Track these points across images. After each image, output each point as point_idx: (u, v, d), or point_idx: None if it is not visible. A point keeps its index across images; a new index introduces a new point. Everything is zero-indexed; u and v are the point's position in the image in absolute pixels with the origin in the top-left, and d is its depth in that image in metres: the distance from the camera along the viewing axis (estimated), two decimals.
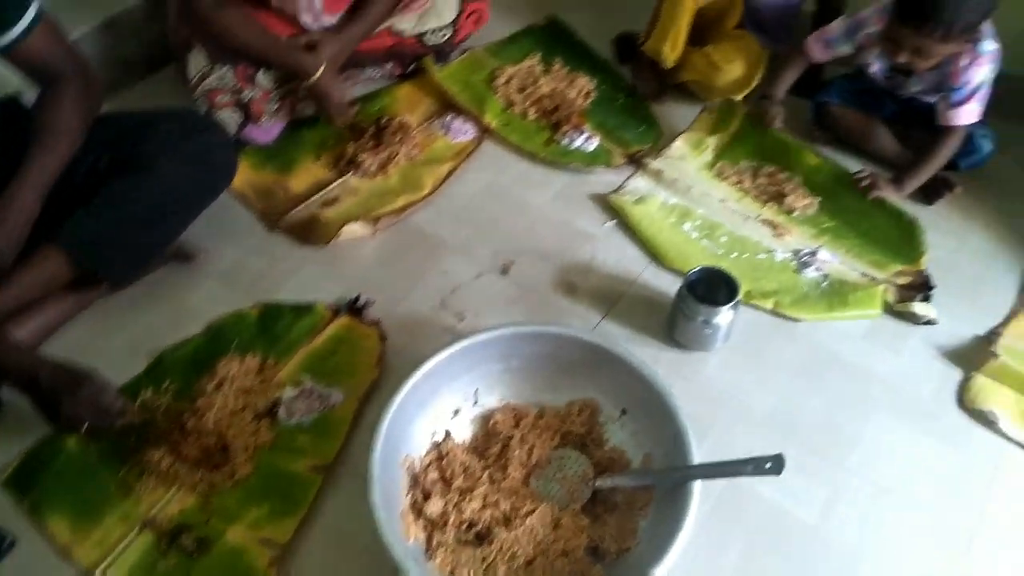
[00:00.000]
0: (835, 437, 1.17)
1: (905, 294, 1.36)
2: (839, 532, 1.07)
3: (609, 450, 1.11)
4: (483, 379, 1.14)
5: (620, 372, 1.09)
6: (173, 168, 1.19)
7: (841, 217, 1.49)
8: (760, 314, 1.33)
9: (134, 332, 1.27)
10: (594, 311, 1.33)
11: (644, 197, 1.51)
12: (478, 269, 1.38)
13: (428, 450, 1.08)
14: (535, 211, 1.50)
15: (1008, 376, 1.24)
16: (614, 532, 1.01)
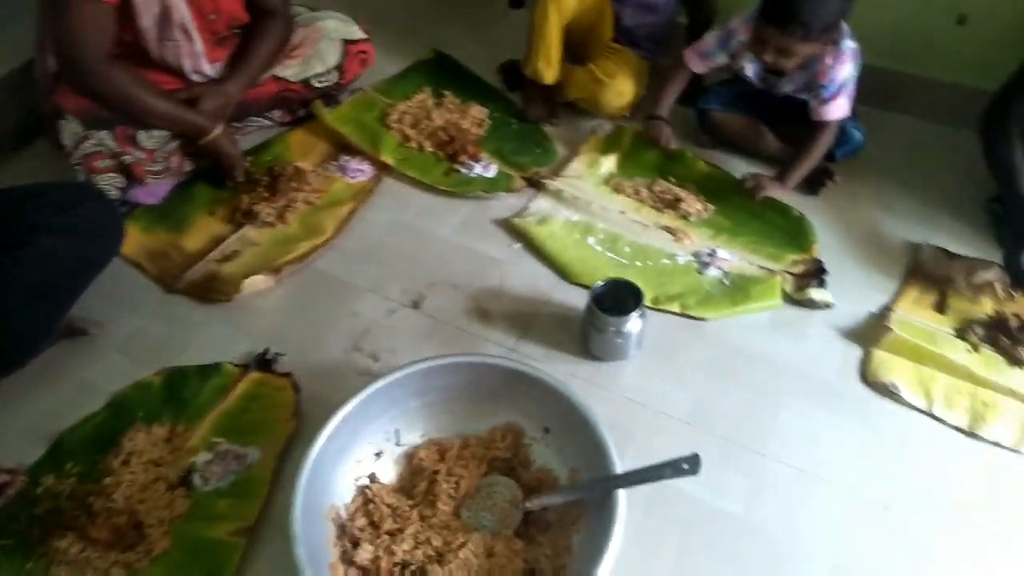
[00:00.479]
0: (752, 427, 1.21)
1: (801, 282, 1.42)
2: (764, 518, 1.10)
3: (536, 471, 1.11)
4: (402, 417, 1.12)
5: (538, 392, 1.10)
6: (53, 242, 1.14)
7: (735, 217, 1.55)
8: (670, 318, 1.37)
9: (30, 415, 1.20)
10: (509, 334, 1.33)
11: (546, 217, 1.54)
12: (389, 307, 1.37)
13: (353, 497, 1.06)
14: (441, 242, 1.50)
15: (903, 348, 1.31)
16: (549, 552, 1.01)
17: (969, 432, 1.21)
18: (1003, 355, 1.31)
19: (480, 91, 1.82)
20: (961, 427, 1.21)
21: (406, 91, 1.80)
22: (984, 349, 1.32)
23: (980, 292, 1.42)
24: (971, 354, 1.32)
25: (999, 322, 1.35)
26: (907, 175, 1.67)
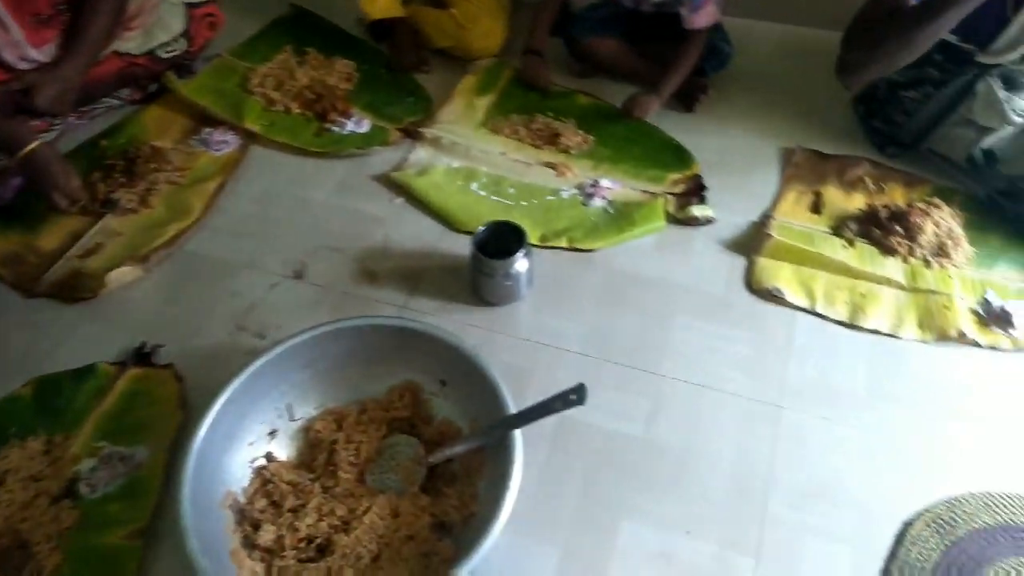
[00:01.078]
0: (646, 349, 1.23)
1: (683, 201, 1.44)
2: (665, 435, 1.13)
3: (438, 424, 1.10)
4: (293, 391, 1.09)
5: (429, 346, 1.08)
6: None
7: (614, 145, 1.55)
8: (559, 253, 1.36)
9: None
10: (399, 292, 1.31)
11: (427, 167, 1.50)
12: (270, 281, 1.32)
13: (251, 479, 1.03)
14: (319, 206, 1.45)
15: (784, 252, 1.35)
16: (456, 502, 1.01)
17: (850, 324, 1.26)
18: (876, 246, 1.37)
19: (345, 44, 1.75)
20: (843, 320, 1.27)
21: (266, 52, 1.71)
22: (859, 243, 1.38)
23: (852, 188, 1.47)
24: (847, 249, 1.37)
25: (870, 215, 1.41)
26: (777, 82, 1.70)
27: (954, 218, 1.38)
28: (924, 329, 1.25)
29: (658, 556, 1.01)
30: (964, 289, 1.30)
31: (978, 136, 1.39)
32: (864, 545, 1.02)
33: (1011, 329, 1.24)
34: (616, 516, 1.05)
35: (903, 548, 1.03)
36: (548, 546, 1.02)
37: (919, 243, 1.34)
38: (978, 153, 1.39)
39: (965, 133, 1.41)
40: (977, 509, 1.06)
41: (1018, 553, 1.02)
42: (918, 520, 1.05)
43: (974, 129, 1.40)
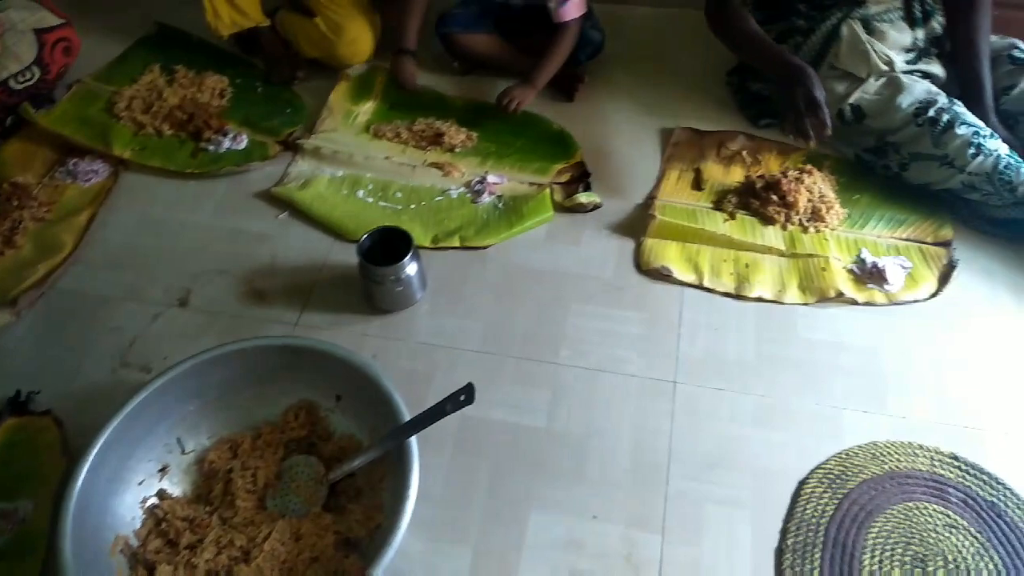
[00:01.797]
0: (544, 340, 1.24)
1: (569, 189, 1.46)
2: (566, 423, 1.14)
3: (338, 440, 1.08)
4: (181, 424, 1.05)
5: (320, 362, 1.07)
6: None
7: (499, 140, 1.56)
8: (452, 253, 1.36)
9: None
10: (291, 309, 1.28)
11: (309, 179, 1.47)
12: (153, 311, 1.27)
13: (143, 520, 0.99)
14: (200, 230, 1.40)
15: (669, 231, 1.38)
16: (360, 516, 0.99)
17: (737, 295, 1.30)
18: (756, 216, 1.42)
19: (216, 60, 1.69)
20: (729, 292, 1.31)
21: (131, 74, 1.64)
22: (739, 215, 1.42)
23: (730, 163, 1.52)
24: (729, 222, 1.41)
25: (748, 187, 1.46)
26: (652, 63, 1.74)
27: (826, 182, 1.45)
28: (805, 292, 1.30)
29: (567, 544, 1.02)
30: (839, 250, 1.36)
31: (847, 91, 1.44)
32: (763, 508, 1.06)
33: (885, 284, 1.30)
34: (524, 509, 1.05)
35: (799, 506, 1.07)
36: (460, 547, 1.02)
37: (795, 209, 1.40)
38: (847, 109, 1.44)
39: (834, 88, 1.45)
40: (865, 460, 1.12)
41: (905, 499, 1.08)
42: (811, 478, 1.10)
43: (843, 84, 1.45)
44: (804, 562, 1.02)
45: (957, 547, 1.03)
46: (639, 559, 1.01)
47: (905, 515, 1.06)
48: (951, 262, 1.33)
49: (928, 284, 1.31)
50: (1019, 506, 1.06)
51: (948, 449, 1.12)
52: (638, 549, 1.02)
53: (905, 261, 1.33)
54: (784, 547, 1.03)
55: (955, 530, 1.04)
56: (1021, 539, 1.03)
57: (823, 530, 1.04)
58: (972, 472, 1.10)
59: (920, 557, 1.02)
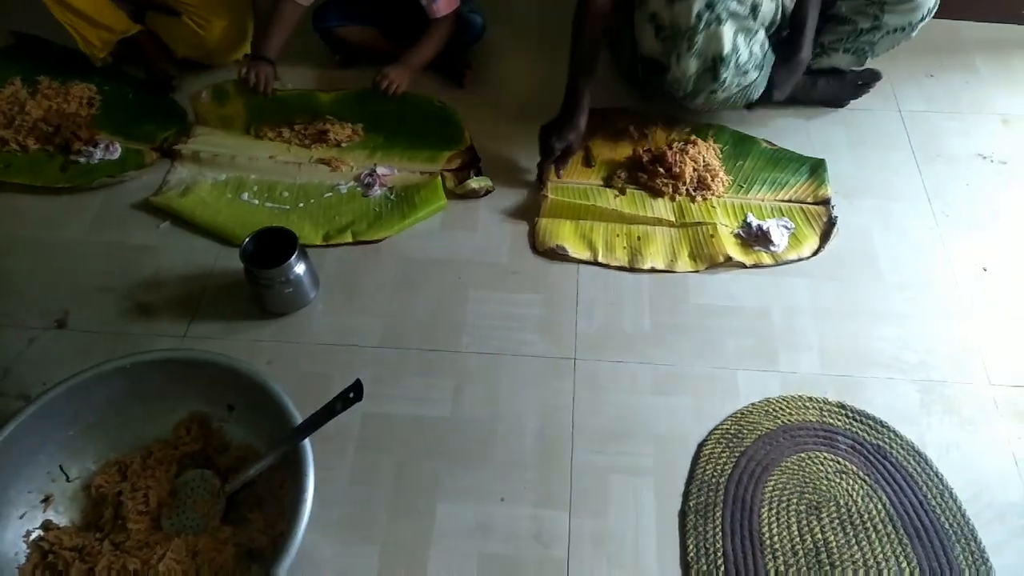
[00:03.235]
0: (444, 329, 1.23)
1: (460, 175, 1.45)
2: (471, 409, 1.14)
3: (235, 450, 1.05)
4: (63, 450, 1.00)
5: (205, 372, 1.03)
6: None
7: (385, 129, 1.53)
8: (345, 250, 1.34)
9: None
10: (179, 321, 1.23)
11: (190, 186, 1.41)
12: (28, 335, 1.20)
13: (28, 554, 0.94)
14: (76, 247, 1.33)
15: (561, 209, 1.39)
16: (261, 525, 0.97)
17: (631, 268, 1.32)
18: (644, 190, 1.45)
19: (83, 67, 1.59)
20: (623, 266, 1.33)
21: None
22: (629, 190, 1.45)
23: (618, 139, 1.54)
24: (619, 198, 1.43)
25: (635, 162, 1.48)
26: (536, 44, 1.74)
27: (710, 151, 1.48)
28: (696, 260, 1.33)
29: (476, 529, 1.02)
30: (726, 216, 1.40)
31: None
32: (665, 473, 1.08)
33: (771, 246, 1.35)
34: (431, 500, 1.05)
35: (699, 468, 1.10)
36: (368, 545, 1.01)
37: (681, 180, 1.43)
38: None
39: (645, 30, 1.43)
40: (759, 417, 1.16)
41: (797, 450, 1.12)
42: (710, 439, 1.13)
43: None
44: (706, 521, 1.05)
45: (848, 491, 1.08)
46: (548, 536, 1.02)
47: (799, 466, 1.10)
48: (831, 219, 1.39)
49: (811, 243, 1.36)
50: (902, 446, 1.12)
51: (835, 399, 1.17)
52: (547, 526, 1.03)
53: (788, 222, 1.38)
54: (687, 509, 1.06)
55: (845, 475, 1.09)
56: (906, 478, 1.09)
57: (723, 489, 1.08)
58: (859, 419, 1.15)
59: (814, 505, 1.06)
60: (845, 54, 1.51)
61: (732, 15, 1.31)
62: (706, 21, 1.30)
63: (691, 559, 1.01)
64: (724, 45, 1.31)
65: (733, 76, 1.35)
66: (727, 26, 1.30)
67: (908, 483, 1.08)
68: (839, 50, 1.50)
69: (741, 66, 1.35)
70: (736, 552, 1.02)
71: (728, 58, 1.32)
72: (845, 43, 1.49)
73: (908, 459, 1.11)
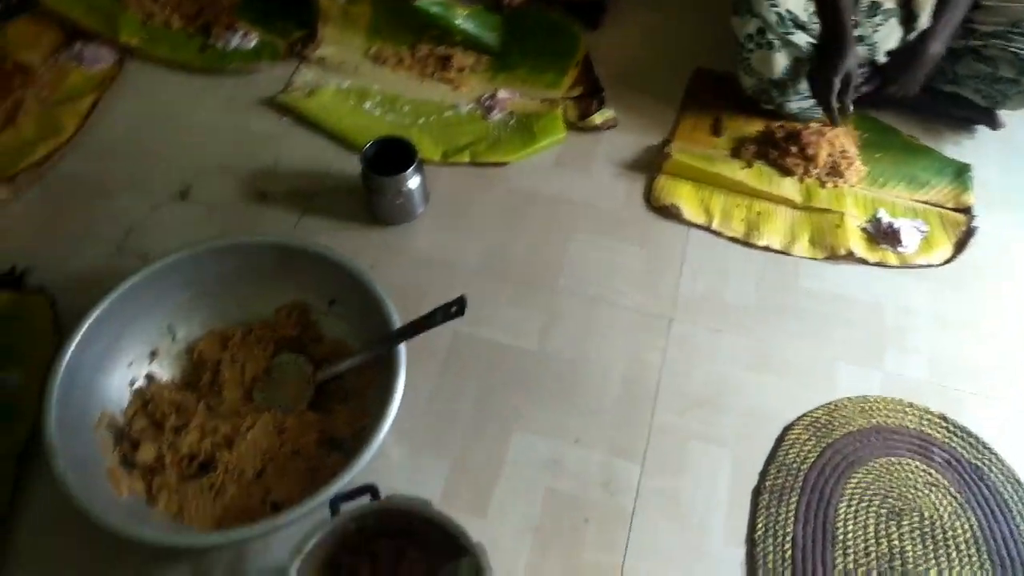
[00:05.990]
0: (543, 266, 1.23)
1: (583, 106, 1.42)
2: (559, 348, 1.14)
3: (329, 343, 1.08)
4: (175, 311, 1.05)
5: (316, 265, 1.05)
6: None
7: (507, 52, 1.50)
8: (457, 171, 1.34)
9: None
10: (291, 213, 1.26)
11: (315, 88, 1.43)
12: (152, 202, 1.26)
13: (130, 400, 0.99)
14: (203, 126, 1.37)
15: (683, 169, 1.35)
16: (346, 418, 1.00)
17: (744, 241, 1.28)
18: (773, 167, 1.38)
19: None
20: (737, 237, 1.28)
21: None
22: (757, 164, 1.39)
23: (751, 110, 1.46)
24: (746, 170, 1.38)
25: (768, 136, 1.42)
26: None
27: (849, 137, 1.41)
28: (815, 247, 1.28)
29: (547, 464, 1.03)
30: (856, 207, 1.33)
31: None
32: (746, 448, 1.06)
33: (899, 246, 1.28)
34: (507, 427, 1.06)
35: (782, 450, 1.07)
36: (440, 458, 1.02)
37: (814, 163, 1.36)
38: None
39: None
40: (853, 413, 1.11)
41: (887, 453, 1.07)
42: (798, 424, 1.09)
43: None
44: (780, 504, 1.02)
45: (935, 504, 1.03)
46: (617, 485, 1.01)
47: (887, 469, 1.06)
48: (970, 229, 1.30)
49: (943, 250, 1.28)
50: (1002, 472, 1.06)
51: (938, 410, 1.11)
52: (617, 475, 1.02)
53: (922, 224, 1.30)
54: (762, 488, 1.03)
55: (935, 488, 1.04)
56: (1000, 504, 1.03)
57: (803, 475, 1.05)
58: (960, 434, 1.09)
59: (896, 510, 1.02)
60: (975, 93, 1.39)
61: (788, 45, 1.28)
62: (756, 43, 1.29)
63: (758, 538, 0.99)
64: (775, 71, 1.30)
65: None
66: (780, 54, 1.29)
67: (1002, 510, 1.03)
68: (970, 86, 1.38)
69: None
70: (806, 540, 0.99)
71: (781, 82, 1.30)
72: (978, 83, 1.36)
73: (1006, 485, 1.05)
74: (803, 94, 1.38)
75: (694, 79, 1.51)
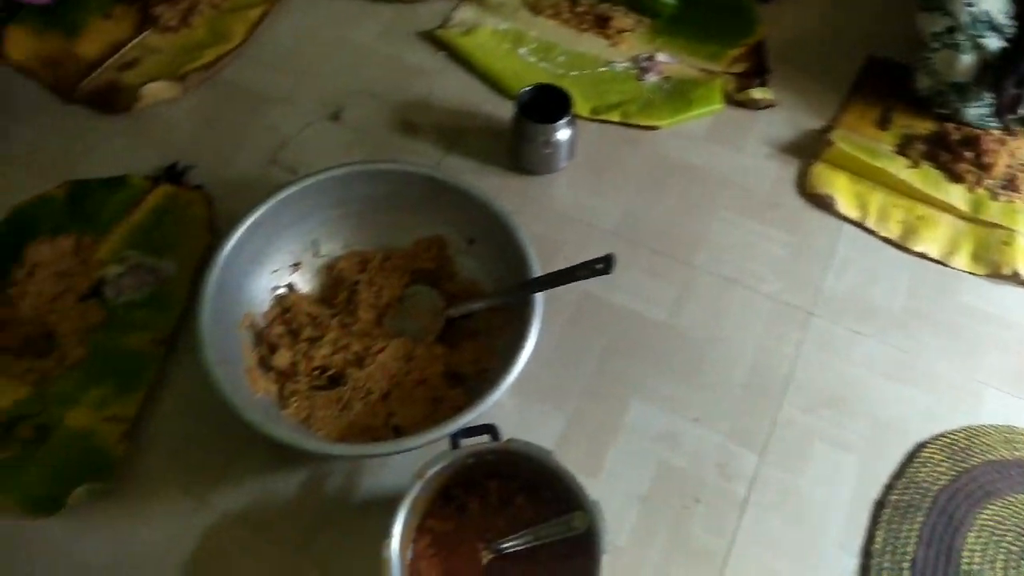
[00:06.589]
0: (681, 238, 1.19)
1: (743, 82, 1.36)
2: (689, 324, 1.11)
3: (462, 281, 1.08)
4: (321, 227, 1.07)
5: (461, 202, 1.05)
6: None
7: (670, 17, 1.45)
8: (604, 129, 1.31)
9: None
10: (436, 148, 1.27)
11: (473, 27, 1.42)
12: (306, 119, 1.28)
13: (271, 305, 1.03)
14: (360, 51, 1.39)
15: (844, 160, 1.27)
16: (471, 356, 1.01)
17: (899, 244, 1.20)
18: (943, 171, 1.28)
19: None
20: (892, 239, 1.21)
21: None
22: (924, 165, 1.30)
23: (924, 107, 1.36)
24: (911, 170, 1.29)
25: (940, 137, 1.31)
26: None
27: None
28: (977, 261, 1.19)
29: (664, 436, 1.01)
30: None
31: None
32: (873, 458, 1.01)
33: None
34: (627, 394, 1.04)
35: (912, 467, 1.01)
36: (557, 412, 1.02)
37: (990, 173, 1.26)
38: None
39: None
40: (997, 442, 1.04)
41: None
42: (933, 443, 1.03)
43: None
44: (903, 521, 0.97)
45: None
46: (733, 471, 0.99)
47: None
48: None
49: None
50: None
51: None
52: (734, 461, 0.99)
53: None
54: (885, 501, 0.98)
55: None
56: None
57: (932, 496, 0.99)
58: None
59: None
60: None
61: (977, 47, 1.17)
62: (943, 43, 1.19)
63: (875, 551, 0.95)
64: (957, 73, 1.20)
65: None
66: (967, 56, 1.18)
67: None
68: None
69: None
70: (927, 563, 0.94)
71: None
72: None
73: None
74: (984, 100, 1.28)
75: (866, 67, 1.42)
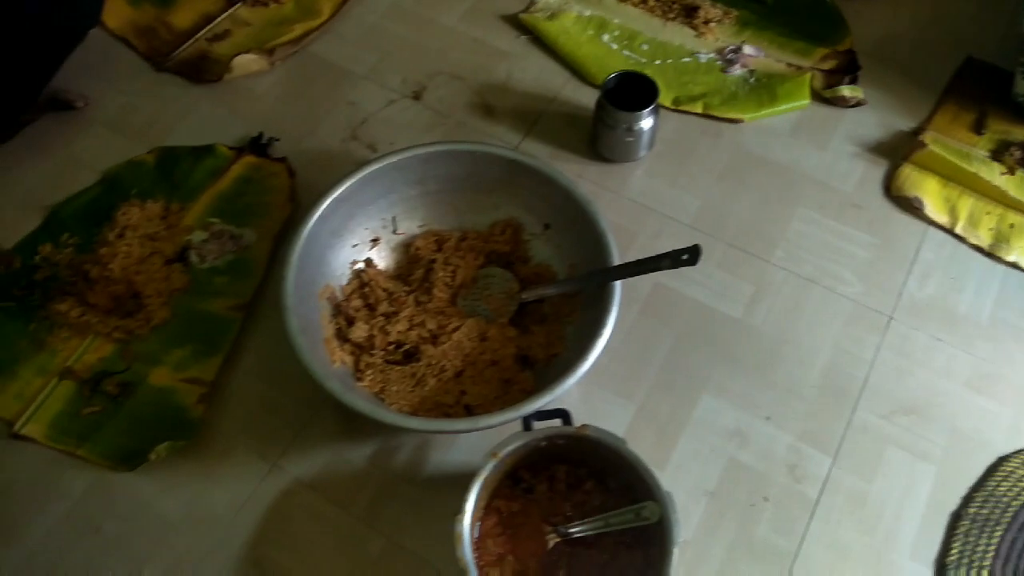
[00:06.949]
0: (760, 234, 1.17)
1: (832, 79, 1.32)
2: (764, 321, 1.09)
3: (535, 266, 1.08)
4: (400, 205, 1.09)
5: (540, 186, 1.05)
6: (21, 12, 1.05)
7: (759, 11, 1.41)
8: (685, 120, 1.29)
9: (22, 188, 1.18)
10: (514, 131, 1.26)
11: (557, 12, 1.41)
12: (388, 96, 1.29)
13: (349, 279, 1.05)
14: (444, 31, 1.39)
15: (935, 163, 1.23)
16: (542, 341, 1.01)
17: (989, 252, 1.16)
18: None
19: None
20: (981, 247, 1.17)
21: None
22: (1020, 172, 1.24)
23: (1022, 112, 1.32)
24: (1006, 176, 1.24)
25: None
26: None
27: None
28: None
29: (733, 434, 1.00)
30: None
31: None
32: (951, 468, 0.98)
33: None
34: (698, 388, 1.03)
35: (993, 480, 0.98)
36: (625, 401, 1.02)
37: None
38: None
39: None
40: None
41: None
42: (1016, 457, 0.99)
43: None
44: (981, 535, 0.94)
45: None
46: (803, 472, 0.97)
47: None
48: None
49: None
50: None
51: None
52: (805, 463, 0.98)
53: None
54: (963, 514, 0.95)
55: None
56: None
57: (1012, 511, 0.96)
58: None
59: None
60: None
61: None
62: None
63: (950, 564, 0.92)
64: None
65: None
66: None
67: None
68: None
69: None
70: None
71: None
72: None
73: None
74: None
75: (963, 69, 1.36)
